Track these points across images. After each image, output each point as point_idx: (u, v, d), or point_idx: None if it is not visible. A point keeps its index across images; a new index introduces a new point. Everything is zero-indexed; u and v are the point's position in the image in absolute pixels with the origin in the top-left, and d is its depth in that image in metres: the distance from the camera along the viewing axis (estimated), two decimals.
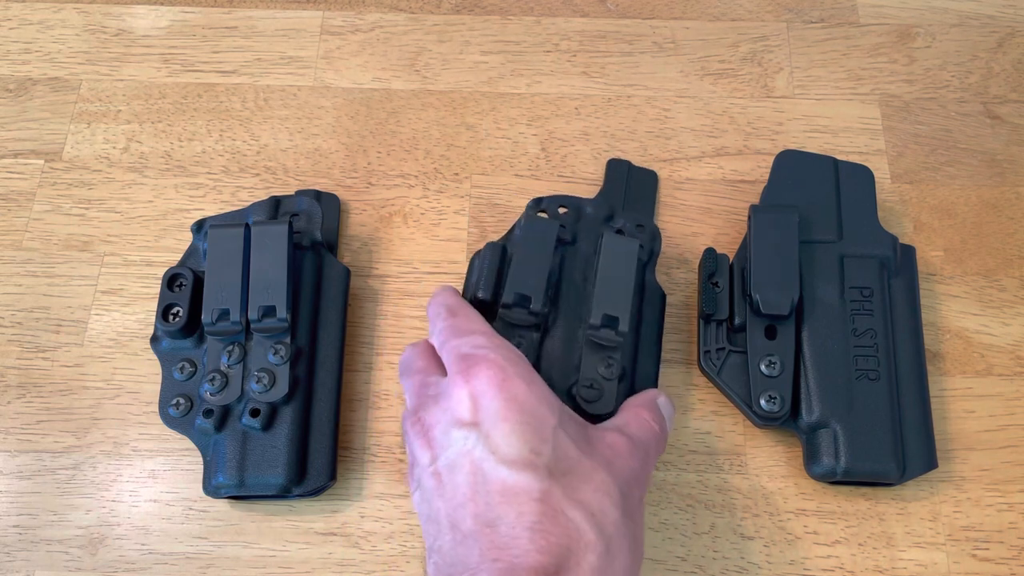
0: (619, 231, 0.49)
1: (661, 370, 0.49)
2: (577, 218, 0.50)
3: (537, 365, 0.44)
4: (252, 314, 0.46)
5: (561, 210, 0.51)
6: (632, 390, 0.46)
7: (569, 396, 0.44)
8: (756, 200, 0.53)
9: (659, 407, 0.43)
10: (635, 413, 0.42)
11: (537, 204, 0.51)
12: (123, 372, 0.51)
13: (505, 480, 0.36)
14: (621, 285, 0.45)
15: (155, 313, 0.49)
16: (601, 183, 0.55)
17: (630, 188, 0.53)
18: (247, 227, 0.48)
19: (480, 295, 0.45)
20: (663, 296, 0.49)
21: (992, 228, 0.55)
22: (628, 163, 0.54)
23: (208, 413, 0.46)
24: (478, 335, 0.40)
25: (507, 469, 0.36)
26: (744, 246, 0.50)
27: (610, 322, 0.44)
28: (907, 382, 0.48)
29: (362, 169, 0.56)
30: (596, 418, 0.42)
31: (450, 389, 0.39)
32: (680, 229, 0.54)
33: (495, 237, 0.53)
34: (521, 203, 0.55)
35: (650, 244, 0.50)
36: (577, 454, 0.37)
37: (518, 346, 0.43)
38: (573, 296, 0.46)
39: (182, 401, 0.47)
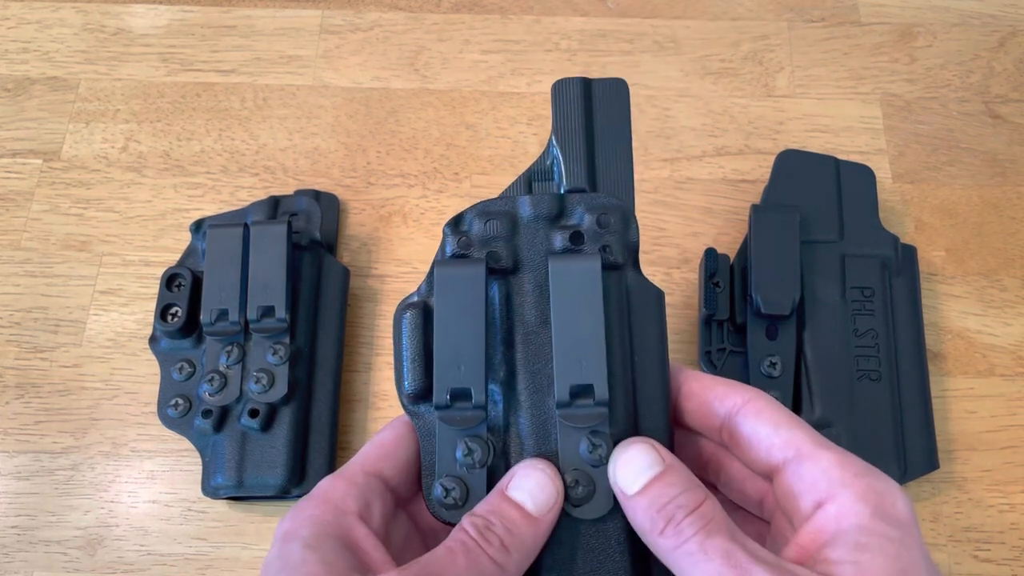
0: (575, 235, 0.34)
1: None
2: (513, 230, 0.34)
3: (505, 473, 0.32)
4: (251, 314, 0.46)
5: (488, 225, 0.34)
6: None
7: None
8: (757, 200, 0.53)
9: (509, 497, 0.30)
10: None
11: (455, 227, 0.34)
12: (121, 372, 0.50)
13: None
14: (587, 332, 0.32)
15: (154, 313, 0.48)
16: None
17: (592, 126, 0.36)
18: (246, 227, 0.48)
19: (408, 388, 0.33)
20: (659, 296, 0.34)
21: (993, 228, 0.54)
22: (582, 81, 0.36)
23: (207, 414, 0.46)
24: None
25: None
26: (745, 246, 0.50)
27: (582, 391, 0.31)
28: (908, 382, 0.47)
29: (361, 169, 0.56)
30: (591, 525, 0.31)
31: None
32: (681, 229, 0.54)
33: None
34: None
35: (622, 237, 0.34)
36: None
37: (468, 454, 0.31)
38: (533, 348, 0.32)
39: (181, 401, 0.47)
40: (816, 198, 0.51)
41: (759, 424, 0.30)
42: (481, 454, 0.32)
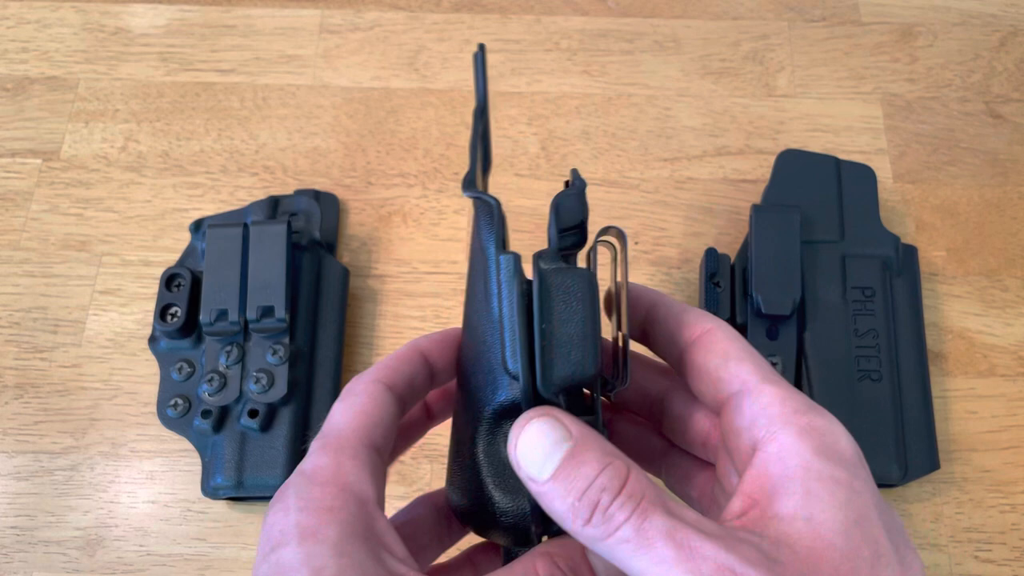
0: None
1: None
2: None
3: None
4: (250, 314, 0.46)
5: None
6: None
7: None
8: (758, 200, 0.53)
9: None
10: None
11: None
12: (121, 373, 0.50)
13: None
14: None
15: (153, 313, 0.48)
16: (600, 183, 0.55)
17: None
18: (245, 227, 0.48)
19: (591, 369, 0.26)
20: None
21: (994, 228, 0.54)
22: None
23: (206, 414, 0.45)
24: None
25: None
26: (745, 246, 0.50)
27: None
28: (909, 383, 0.47)
29: (361, 168, 0.56)
30: None
31: None
32: (681, 228, 0.54)
33: None
34: (522, 203, 0.54)
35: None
36: None
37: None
38: None
39: (180, 402, 0.47)
40: (817, 198, 0.51)
41: (711, 355, 0.28)
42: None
